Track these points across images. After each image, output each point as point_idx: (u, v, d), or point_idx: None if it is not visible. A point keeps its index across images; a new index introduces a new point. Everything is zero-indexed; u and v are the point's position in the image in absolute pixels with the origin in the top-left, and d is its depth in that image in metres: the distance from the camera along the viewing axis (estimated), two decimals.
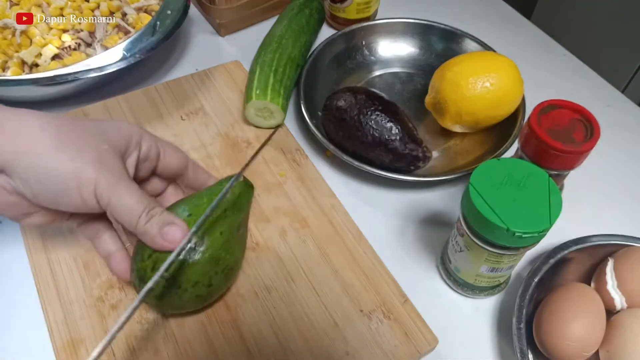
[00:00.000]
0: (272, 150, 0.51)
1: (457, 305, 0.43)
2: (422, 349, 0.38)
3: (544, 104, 0.40)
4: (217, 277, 0.36)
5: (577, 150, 0.37)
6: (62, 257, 0.43)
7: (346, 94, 0.48)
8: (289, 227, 0.45)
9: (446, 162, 0.51)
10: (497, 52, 0.55)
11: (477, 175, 0.35)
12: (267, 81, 0.51)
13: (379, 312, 0.40)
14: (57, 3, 0.57)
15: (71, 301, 0.40)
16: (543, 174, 0.35)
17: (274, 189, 0.48)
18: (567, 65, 0.64)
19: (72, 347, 0.38)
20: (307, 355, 0.38)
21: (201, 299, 0.36)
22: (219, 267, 0.36)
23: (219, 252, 0.35)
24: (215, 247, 0.35)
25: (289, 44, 0.55)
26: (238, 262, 0.39)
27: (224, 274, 0.36)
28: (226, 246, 0.36)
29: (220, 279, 0.36)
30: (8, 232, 0.45)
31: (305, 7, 0.60)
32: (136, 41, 0.52)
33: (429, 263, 0.45)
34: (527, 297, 0.39)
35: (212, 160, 0.50)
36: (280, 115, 0.51)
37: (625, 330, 0.36)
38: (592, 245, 0.42)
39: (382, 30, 0.61)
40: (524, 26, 0.69)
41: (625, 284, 0.38)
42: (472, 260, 0.38)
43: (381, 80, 0.60)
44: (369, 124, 0.46)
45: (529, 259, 0.45)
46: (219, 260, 0.36)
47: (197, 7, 0.68)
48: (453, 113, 0.49)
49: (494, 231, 0.33)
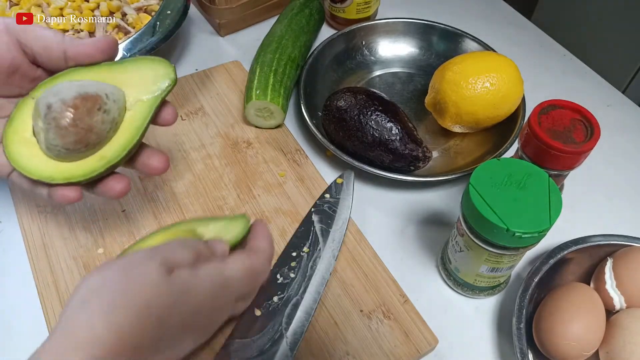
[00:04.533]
0: (272, 150, 0.51)
1: (457, 305, 0.43)
2: (422, 349, 0.38)
3: (544, 104, 0.40)
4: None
5: (577, 150, 0.37)
6: (62, 257, 0.43)
7: (346, 94, 0.48)
8: (289, 227, 0.45)
9: (446, 162, 0.51)
10: (497, 52, 0.55)
11: (477, 175, 0.35)
12: (267, 81, 0.51)
13: (379, 312, 0.40)
14: (57, 3, 0.57)
15: None
16: (543, 174, 0.35)
17: (274, 189, 0.48)
18: (567, 65, 0.64)
19: None
20: (307, 355, 0.38)
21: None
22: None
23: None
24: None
25: (289, 44, 0.55)
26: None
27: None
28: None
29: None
30: (8, 232, 0.45)
31: (305, 7, 0.60)
32: (136, 41, 0.52)
33: (429, 263, 0.45)
34: (527, 297, 0.39)
35: (212, 160, 0.50)
36: (280, 115, 0.51)
37: (625, 330, 0.36)
38: (591, 245, 0.42)
39: (382, 30, 0.61)
40: (524, 26, 0.69)
41: (624, 284, 0.38)
42: (472, 260, 0.38)
43: (381, 80, 0.60)
44: (369, 124, 0.46)
45: (529, 259, 0.45)
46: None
47: (197, 7, 0.68)
48: (453, 113, 0.49)
49: (494, 231, 0.33)
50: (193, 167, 0.49)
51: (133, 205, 0.46)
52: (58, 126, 0.33)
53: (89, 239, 0.44)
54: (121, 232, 0.44)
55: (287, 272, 0.40)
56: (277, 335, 0.37)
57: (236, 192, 0.48)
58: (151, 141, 0.51)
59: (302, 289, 0.39)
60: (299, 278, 0.40)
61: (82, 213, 0.45)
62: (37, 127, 0.34)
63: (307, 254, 0.41)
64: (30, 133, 0.35)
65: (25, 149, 0.35)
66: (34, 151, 0.35)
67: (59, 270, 0.42)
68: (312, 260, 0.41)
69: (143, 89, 0.36)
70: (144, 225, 0.45)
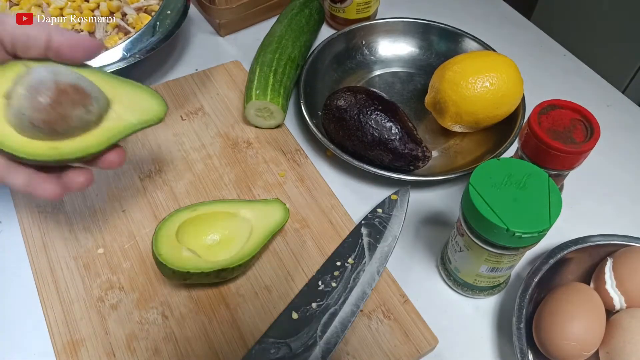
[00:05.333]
0: (272, 150, 0.51)
1: (457, 305, 0.43)
2: (422, 349, 0.38)
3: (544, 104, 0.40)
4: None
5: (577, 150, 0.37)
6: (62, 257, 0.43)
7: (346, 94, 0.48)
8: (289, 227, 0.45)
9: (446, 162, 0.51)
10: (497, 52, 0.55)
11: (477, 175, 0.35)
12: (267, 81, 0.51)
13: (379, 312, 0.40)
14: (57, 3, 0.57)
15: (71, 301, 0.40)
16: (543, 174, 0.35)
17: (274, 189, 0.48)
18: (567, 65, 0.64)
19: (72, 347, 0.38)
20: None
21: None
22: None
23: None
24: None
25: (289, 44, 0.55)
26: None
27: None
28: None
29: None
30: (8, 232, 0.45)
31: (305, 7, 0.60)
32: (136, 41, 0.52)
33: (429, 263, 0.45)
34: (527, 297, 0.39)
35: (212, 160, 0.50)
36: (280, 115, 0.51)
37: (625, 330, 0.36)
38: (591, 245, 0.42)
39: (382, 30, 0.61)
40: (524, 26, 0.69)
41: (624, 284, 0.38)
42: (472, 260, 0.38)
43: (381, 80, 0.60)
44: (368, 124, 0.46)
45: (529, 259, 0.45)
46: None
47: (197, 7, 0.68)
48: (453, 113, 0.49)
49: (494, 231, 0.33)
50: (193, 167, 0.49)
51: (133, 205, 0.46)
52: (38, 99, 0.33)
53: (89, 239, 0.44)
54: (121, 232, 0.44)
55: (329, 280, 0.40)
56: (310, 341, 0.37)
57: (236, 192, 0.48)
58: (151, 142, 0.51)
59: (341, 300, 0.39)
60: (340, 288, 0.40)
61: (82, 213, 0.45)
62: (15, 92, 0.33)
63: (351, 265, 0.41)
64: (2, 94, 0.34)
65: None
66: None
67: (59, 270, 0.42)
68: (356, 273, 0.40)
69: (129, 111, 0.37)
70: (144, 225, 0.45)
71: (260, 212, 0.43)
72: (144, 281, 0.41)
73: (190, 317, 0.40)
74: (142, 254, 0.43)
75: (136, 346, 0.38)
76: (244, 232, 0.42)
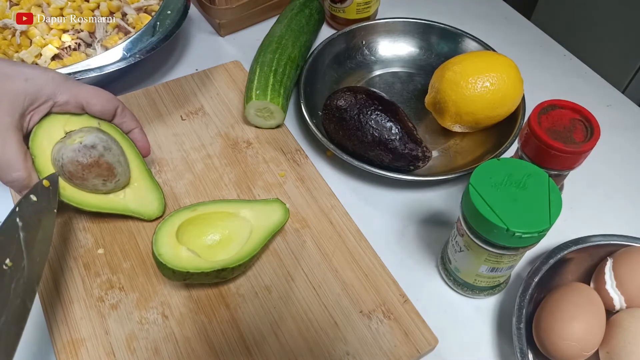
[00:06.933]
0: (272, 150, 0.51)
1: (457, 305, 0.43)
2: (422, 349, 0.38)
3: (544, 104, 0.40)
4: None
5: (577, 150, 0.37)
6: (62, 257, 0.43)
7: (346, 94, 0.48)
8: (289, 227, 0.45)
9: (446, 162, 0.51)
10: (497, 52, 0.55)
11: (477, 175, 0.35)
12: (267, 81, 0.51)
13: (379, 312, 0.40)
14: (57, 3, 0.57)
15: (71, 301, 0.40)
16: (543, 174, 0.35)
17: (274, 189, 0.48)
18: (567, 65, 0.64)
19: (72, 347, 0.38)
20: (307, 355, 0.38)
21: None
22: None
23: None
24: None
25: (289, 44, 0.55)
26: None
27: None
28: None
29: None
30: None
31: (305, 7, 0.60)
32: (136, 41, 0.52)
33: (429, 263, 0.45)
34: (527, 297, 0.39)
35: (212, 160, 0.50)
36: (280, 115, 0.51)
37: (625, 330, 0.36)
38: (591, 245, 0.42)
39: (382, 30, 0.61)
40: (524, 26, 0.69)
41: (624, 284, 0.38)
42: (472, 260, 0.38)
43: (381, 80, 0.60)
44: (368, 124, 0.46)
45: (529, 259, 0.45)
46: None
47: (197, 7, 0.68)
48: (453, 113, 0.49)
49: (494, 231, 0.33)
50: (193, 167, 0.49)
51: None
52: (79, 157, 0.40)
53: (89, 239, 0.44)
54: (121, 232, 0.44)
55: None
56: None
57: (236, 192, 0.48)
58: (151, 141, 0.51)
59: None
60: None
61: (82, 213, 0.45)
62: (73, 138, 0.41)
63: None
64: (68, 128, 0.42)
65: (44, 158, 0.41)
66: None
67: (58, 270, 0.42)
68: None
69: (134, 198, 0.45)
70: (144, 225, 0.45)
71: (260, 212, 0.43)
72: (144, 281, 0.42)
73: (190, 317, 0.40)
74: (142, 254, 0.43)
75: (136, 346, 0.38)
76: (244, 232, 0.42)
